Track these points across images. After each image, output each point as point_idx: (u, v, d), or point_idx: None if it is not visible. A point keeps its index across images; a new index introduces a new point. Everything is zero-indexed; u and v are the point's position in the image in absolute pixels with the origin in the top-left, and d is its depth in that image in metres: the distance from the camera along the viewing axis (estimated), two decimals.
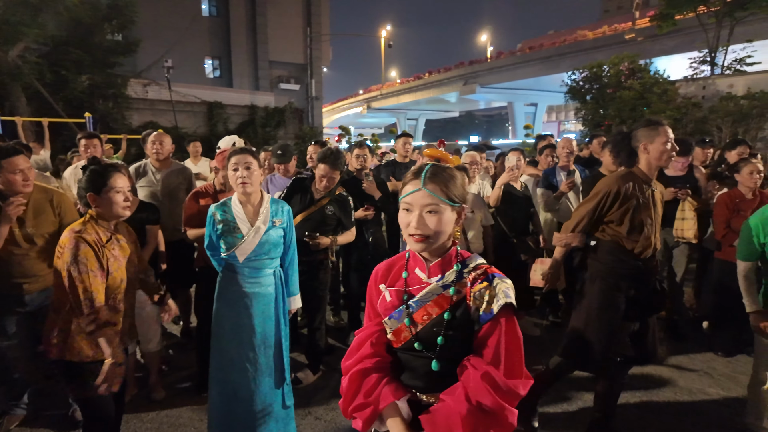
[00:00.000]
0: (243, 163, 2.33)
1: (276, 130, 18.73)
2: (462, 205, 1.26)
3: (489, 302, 1.20)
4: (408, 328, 1.26)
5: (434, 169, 1.23)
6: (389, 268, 1.38)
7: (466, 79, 39.67)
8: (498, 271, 1.26)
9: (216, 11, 22.76)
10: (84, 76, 13.13)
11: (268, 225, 2.41)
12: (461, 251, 1.30)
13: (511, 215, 3.97)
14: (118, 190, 2.04)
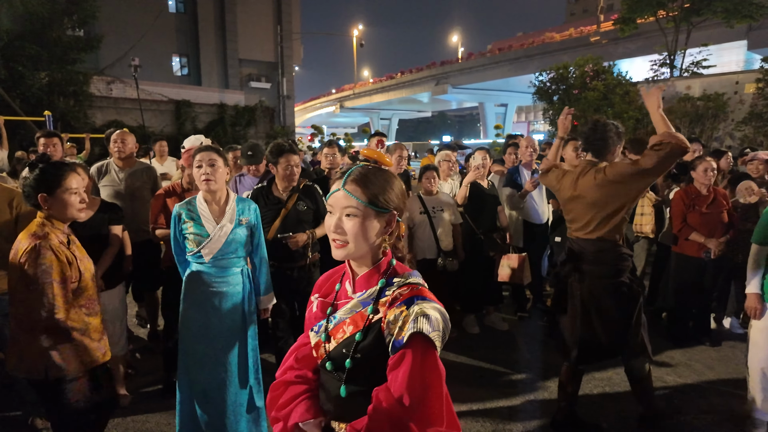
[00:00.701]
0: (207, 160, 2.30)
1: (246, 129, 18.47)
2: (392, 212, 1.11)
3: (401, 328, 1.01)
4: (323, 345, 1.16)
5: (361, 170, 1.11)
6: (328, 278, 1.29)
7: (437, 79, 40.03)
8: (427, 294, 1.08)
9: (183, 8, 22.22)
10: (42, 72, 12.62)
11: (235, 223, 2.38)
12: (397, 265, 1.16)
13: (479, 213, 4.06)
14: (74, 191, 1.96)
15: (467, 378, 3.38)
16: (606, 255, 2.55)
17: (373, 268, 1.13)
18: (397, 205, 1.13)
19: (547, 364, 3.57)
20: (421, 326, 0.99)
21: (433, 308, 1.03)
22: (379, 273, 1.13)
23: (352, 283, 1.17)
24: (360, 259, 1.13)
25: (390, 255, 1.16)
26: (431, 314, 1.01)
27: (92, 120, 13.68)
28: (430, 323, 1.00)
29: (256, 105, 18.92)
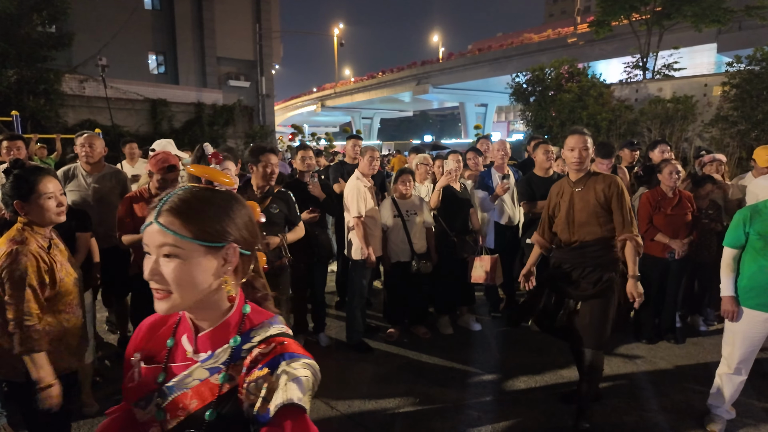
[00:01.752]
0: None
1: (224, 129, 18.23)
2: (229, 245, 0.87)
3: (266, 398, 0.80)
4: (160, 424, 0.89)
5: (182, 195, 0.87)
6: (153, 328, 1.00)
7: (418, 79, 40.15)
8: (294, 348, 0.87)
9: (159, 4, 21.80)
10: (10, 70, 12.25)
11: None
12: (252, 312, 0.93)
13: (451, 215, 4.12)
14: (49, 196, 1.94)
15: (439, 378, 3.42)
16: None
17: (221, 323, 0.90)
18: (237, 237, 0.89)
19: (519, 364, 3.64)
20: (291, 395, 0.79)
21: (303, 366, 0.84)
22: (230, 328, 0.90)
23: (193, 340, 0.91)
24: (197, 311, 0.90)
25: (241, 299, 0.94)
26: (301, 375, 0.82)
27: (64, 119, 13.32)
28: (300, 387, 0.81)
29: (234, 104, 18.69)
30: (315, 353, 3.13)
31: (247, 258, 0.94)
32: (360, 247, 3.75)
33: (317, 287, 4.09)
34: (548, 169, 4.15)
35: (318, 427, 0.84)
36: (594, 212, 2.71)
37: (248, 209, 0.96)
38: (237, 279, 0.93)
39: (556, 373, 3.49)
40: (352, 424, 2.87)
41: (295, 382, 0.81)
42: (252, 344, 0.88)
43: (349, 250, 3.90)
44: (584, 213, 2.74)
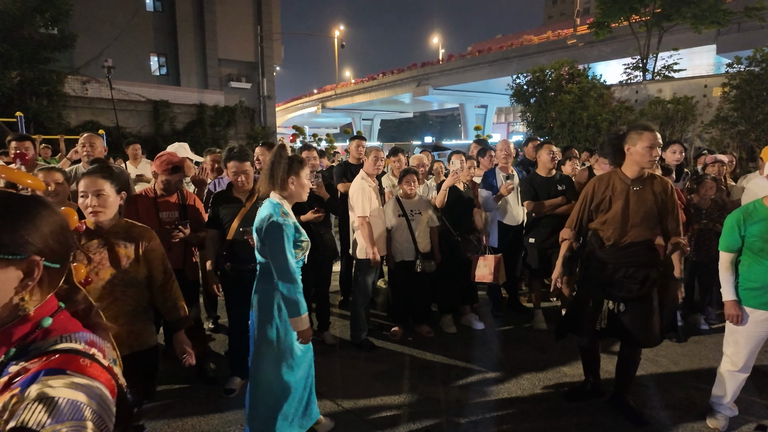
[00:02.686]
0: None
1: (226, 130, 18.32)
2: (30, 258, 0.77)
3: (6, 422, 0.67)
4: None
5: None
6: None
7: (418, 80, 40.24)
8: (75, 366, 0.74)
9: (161, 6, 21.89)
10: (13, 72, 12.32)
11: None
12: (56, 324, 0.82)
13: (455, 215, 4.14)
14: (80, 195, 2.04)
15: (443, 376, 3.45)
16: None
17: (3, 333, 0.78)
18: (42, 248, 0.79)
19: (523, 362, 3.67)
20: (30, 418, 0.64)
21: (68, 385, 0.70)
22: (8, 341, 0.78)
23: None
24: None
25: (37, 316, 0.81)
26: (59, 396, 0.67)
27: (67, 120, 13.40)
28: (52, 410, 0.65)
29: (236, 105, 18.78)
30: (320, 351, 3.17)
31: (56, 271, 0.83)
32: (365, 246, 3.78)
33: (322, 286, 4.12)
34: (551, 169, 4.19)
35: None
36: (649, 214, 2.67)
37: (60, 216, 0.84)
38: (42, 294, 0.82)
39: (559, 371, 3.52)
40: (357, 420, 2.91)
41: (46, 402, 0.66)
42: (24, 360, 0.75)
43: (354, 250, 3.93)
44: (640, 213, 2.68)
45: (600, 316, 2.80)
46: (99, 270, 2.07)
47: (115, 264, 2.09)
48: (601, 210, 2.78)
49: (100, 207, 2.01)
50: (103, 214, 2.04)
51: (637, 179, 2.69)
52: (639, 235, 2.70)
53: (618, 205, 2.70)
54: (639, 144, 2.59)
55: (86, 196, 2.01)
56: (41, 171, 2.76)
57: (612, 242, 2.75)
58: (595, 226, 2.84)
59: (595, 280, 2.82)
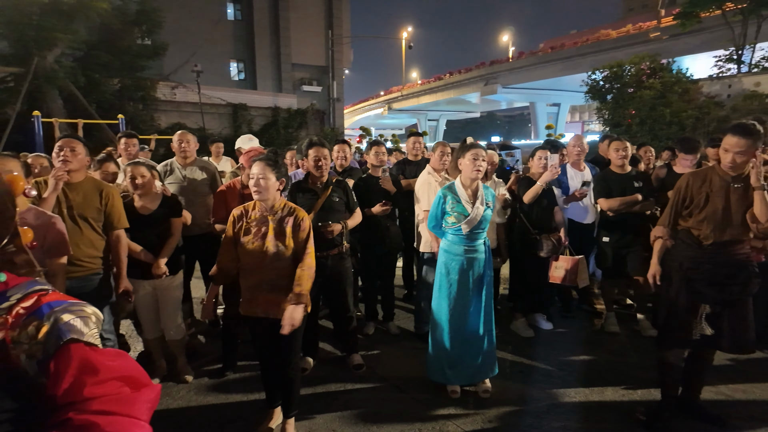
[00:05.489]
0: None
1: (298, 131, 19.12)
2: None
3: (43, 343, 0.81)
4: None
5: None
6: None
7: (486, 79, 39.48)
8: (62, 297, 0.89)
9: (240, 15, 23.32)
10: (114, 79, 13.72)
11: (485, 206, 3.01)
12: (10, 278, 0.91)
13: (535, 212, 4.00)
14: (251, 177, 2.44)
15: (505, 372, 3.42)
16: None
17: None
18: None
19: (590, 365, 3.57)
20: (67, 333, 0.82)
21: (75, 309, 0.87)
22: None
23: None
24: None
25: None
26: (77, 316, 0.86)
27: (158, 123, 14.66)
28: (82, 325, 0.85)
29: (307, 108, 19.57)
30: (385, 341, 3.30)
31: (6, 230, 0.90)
32: (429, 240, 3.85)
33: (387, 278, 4.25)
34: (623, 165, 4.00)
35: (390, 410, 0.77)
36: (747, 212, 2.54)
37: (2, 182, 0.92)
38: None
39: (632, 377, 3.38)
40: (422, 407, 2.99)
41: (70, 322, 0.84)
42: (10, 303, 0.85)
43: (418, 243, 4.01)
44: (741, 212, 2.55)
45: (695, 323, 2.61)
46: (255, 242, 2.45)
47: (269, 238, 2.45)
48: (695, 207, 2.64)
49: (262, 189, 2.42)
50: (263, 195, 2.44)
51: (737, 177, 2.54)
52: (738, 234, 2.55)
53: (717, 202, 2.56)
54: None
55: (254, 179, 2.42)
56: (129, 165, 3.09)
57: (711, 241, 2.58)
58: (689, 224, 2.69)
59: (690, 282, 2.64)
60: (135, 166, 3.04)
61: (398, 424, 2.78)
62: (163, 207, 3.15)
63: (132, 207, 3.06)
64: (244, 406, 3.00)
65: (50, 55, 11.71)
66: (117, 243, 2.88)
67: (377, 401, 3.06)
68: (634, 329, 4.17)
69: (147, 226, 3.06)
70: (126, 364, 0.87)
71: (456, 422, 2.81)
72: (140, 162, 3.10)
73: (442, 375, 3.11)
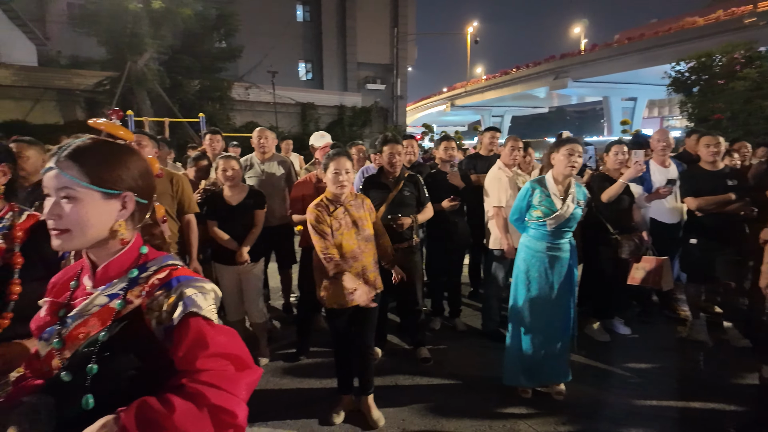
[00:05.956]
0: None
1: (362, 129, 19.46)
2: (125, 192, 0.98)
3: (168, 312, 0.93)
4: (59, 353, 0.96)
5: (82, 144, 0.96)
6: (62, 276, 1.10)
7: (556, 73, 37.82)
8: (189, 273, 1.00)
9: (309, 16, 24.08)
10: (195, 80, 14.68)
11: (575, 204, 2.89)
12: (150, 252, 1.04)
13: (614, 212, 3.78)
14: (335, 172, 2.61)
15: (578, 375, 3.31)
16: None
17: (117, 257, 1.00)
18: (132, 185, 0.99)
19: (671, 371, 3.36)
20: (190, 306, 0.93)
21: (198, 285, 0.98)
22: (128, 262, 1.01)
23: (91, 276, 1.01)
24: (97, 249, 1.00)
25: (139, 241, 1.04)
26: (199, 291, 0.96)
27: (233, 122, 15.51)
28: (198, 299, 0.95)
29: (371, 106, 19.85)
30: (451, 337, 3.31)
31: (143, 206, 1.03)
32: (498, 237, 3.79)
33: (454, 274, 4.24)
34: (715, 162, 3.70)
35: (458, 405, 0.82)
36: None
37: (145, 162, 1.03)
38: (133, 224, 1.02)
39: (720, 387, 3.14)
40: (491, 405, 2.96)
41: (192, 296, 0.94)
42: (148, 273, 0.99)
43: (488, 240, 3.96)
44: None
45: None
46: (344, 231, 2.62)
47: (355, 225, 2.66)
48: None
49: (347, 182, 2.59)
50: (348, 187, 2.62)
51: None
52: None
53: None
54: None
55: (339, 173, 2.56)
56: (221, 159, 3.31)
57: None
58: None
59: None
60: (226, 159, 3.27)
61: (467, 420, 2.78)
62: (249, 198, 3.37)
63: (221, 197, 3.30)
64: (317, 390, 3.14)
65: (141, 60, 12.75)
66: (188, 227, 3.14)
67: (445, 396, 3.07)
68: (721, 338, 3.86)
69: (234, 215, 3.28)
70: (235, 343, 0.98)
71: (528, 422, 2.76)
72: (231, 156, 3.33)
73: (515, 377, 3.04)
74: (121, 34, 12.38)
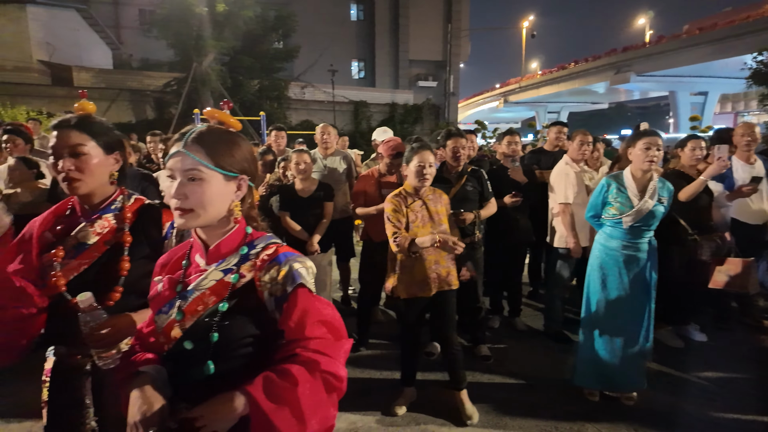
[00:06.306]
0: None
1: (413, 126, 19.42)
2: (241, 175, 1.07)
3: (282, 284, 1.03)
4: (179, 324, 1.05)
5: (204, 130, 1.04)
6: (169, 258, 1.20)
7: (618, 67, 35.99)
8: (291, 250, 1.10)
9: (363, 15, 24.32)
10: (255, 80, 15.23)
11: (656, 201, 2.72)
12: (253, 231, 1.13)
13: (692, 211, 3.55)
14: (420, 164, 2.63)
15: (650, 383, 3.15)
16: None
17: (228, 236, 1.09)
18: (245, 169, 1.08)
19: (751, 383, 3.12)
20: (299, 279, 1.03)
21: (300, 259, 1.08)
22: (239, 239, 1.10)
23: (204, 254, 1.10)
24: (210, 229, 1.08)
25: (244, 222, 1.13)
26: (301, 266, 1.06)
27: (289, 120, 15.96)
28: (304, 273, 1.05)
29: (423, 103, 19.77)
30: (512, 336, 3.24)
31: (250, 190, 1.12)
32: (564, 235, 3.67)
33: (515, 273, 4.14)
34: None
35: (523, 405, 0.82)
36: None
37: (251, 147, 1.12)
38: (243, 206, 1.11)
39: None
40: (556, 405, 2.88)
41: (299, 270, 1.05)
42: (257, 250, 1.08)
43: (552, 238, 3.84)
44: None
45: None
46: (420, 225, 2.63)
47: (431, 220, 2.66)
48: None
49: (429, 176, 2.60)
50: (429, 182, 2.63)
51: None
52: None
53: None
54: None
55: (423, 166, 2.57)
56: (295, 153, 3.45)
57: None
58: None
59: None
60: (299, 153, 3.40)
61: (532, 420, 2.72)
62: (319, 190, 3.48)
63: (293, 189, 3.42)
64: (376, 380, 3.18)
65: (205, 61, 13.39)
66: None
67: (508, 395, 3.02)
68: None
69: (305, 207, 3.41)
70: (335, 314, 1.08)
71: (596, 426, 2.66)
72: (304, 150, 3.46)
73: (586, 379, 2.94)
74: (187, 36, 13.05)
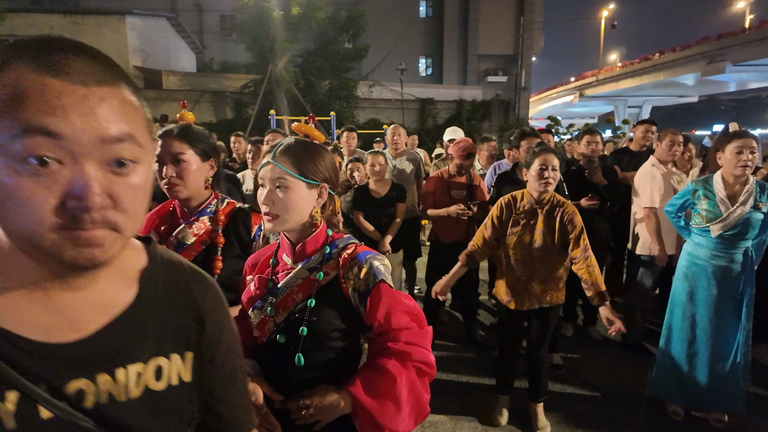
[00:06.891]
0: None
1: (481, 123, 18.99)
2: (322, 183, 1.16)
3: (364, 280, 1.12)
4: (271, 319, 1.17)
5: (290, 143, 1.15)
6: (258, 258, 1.31)
7: (710, 56, 32.86)
8: (369, 249, 1.20)
9: (431, 11, 24.12)
10: (325, 81, 15.65)
11: (751, 207, 2.44)
12: (334, 233, 1.22)
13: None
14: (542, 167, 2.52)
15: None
16: None
17: (312, 237, 1.18)
18: (327, 178, 1.17)
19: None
20: (379, 275, 1.12)
21: (379, 257, 1.17)
22: (322, 240, 1.20)
23: (291, 254, 1.20)
24: (296, 232, 1.18)
25: (325, 225, 1.21)
26: (382, 263, 1.16)
27: (357, 119, 16.24)
28: (383, 270, 1.14)
29: (492, 99, 19.27)
30: (586, 345, 3.10)
31: (331, 197, 1.21)
32: (648, 241, 3.43)
33: None
34: None
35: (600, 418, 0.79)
36: None
37: (333, 158, 1.21)
38: (324, 212, 1.20)
39: None
40: (635, 420, 2.72)
41: (379, 267, 1.14)
42: (338, 249, 1.18)
43: (635, 244, 3.61)
44: None
45: None
46: (524, 236, 2.49)
47: (538, 231, 2.47)
48: None
49: (552, 180, 2.41)
50: (552, 186, 2.45)
51: None
52: None
53: None
54: None
55: (546, 168, 2.40)
56: (370, 154, 3.53)
57: None
58: None
59: None
60: (375, 155, 3.48)
61: None
62: (392, 191, 3.54)
63: (367, 190, 3.51)
64: (442, 382, 3.19)
65: (280, 63, 13.96)
66: None
67: (584, 406, 2.90)
68: None
69: (378, 207, 3.48)
70: (415, 305, 1.17)
71: None
72: (379, 151, 3.54)
73: (665, 390, 2.76)
74: (263, 39, 13.68)
